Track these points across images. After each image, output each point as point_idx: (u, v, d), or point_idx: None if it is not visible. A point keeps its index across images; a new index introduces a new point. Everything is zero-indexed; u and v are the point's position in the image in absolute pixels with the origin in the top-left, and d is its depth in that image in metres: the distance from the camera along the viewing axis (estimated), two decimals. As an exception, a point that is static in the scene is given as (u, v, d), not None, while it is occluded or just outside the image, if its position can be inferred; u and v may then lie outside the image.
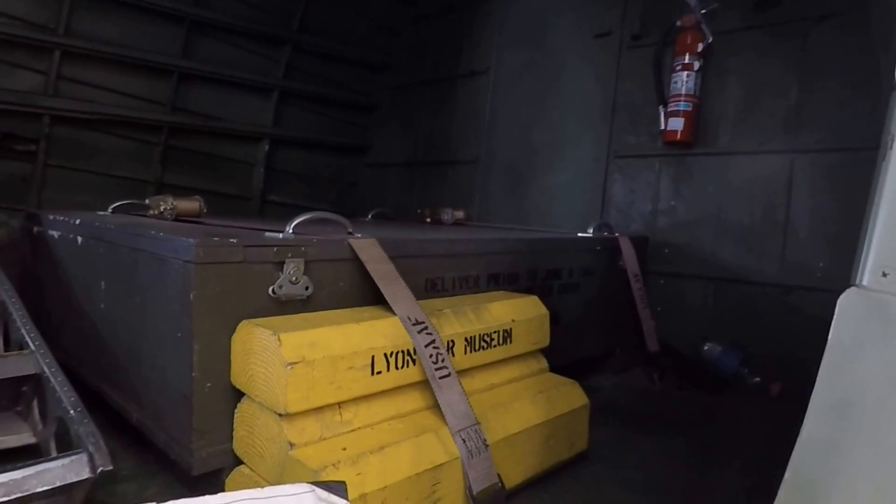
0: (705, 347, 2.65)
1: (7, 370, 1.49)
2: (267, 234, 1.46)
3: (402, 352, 1.38)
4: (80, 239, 1.88)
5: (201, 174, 3.78)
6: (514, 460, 1.48)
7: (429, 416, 1.41)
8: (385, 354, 1.34)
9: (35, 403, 1.54)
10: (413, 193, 4.08)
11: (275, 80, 3.97)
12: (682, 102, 2.75)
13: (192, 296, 1.27)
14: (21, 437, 1.49)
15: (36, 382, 1.53)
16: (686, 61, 2.73)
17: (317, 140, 4.27)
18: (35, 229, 2.26)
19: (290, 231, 1.49)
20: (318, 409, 1.25)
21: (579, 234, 2.57)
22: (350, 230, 1.62)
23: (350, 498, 1.09)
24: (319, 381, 1.22)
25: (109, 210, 2.30)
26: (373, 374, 1.32)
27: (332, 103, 4.30)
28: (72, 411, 1.35)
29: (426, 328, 1.43)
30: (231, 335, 1.32)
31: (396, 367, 1.37)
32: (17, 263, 2.45)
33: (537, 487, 1.59)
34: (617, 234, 2.62)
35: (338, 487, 0.78)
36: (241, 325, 1.30)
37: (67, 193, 3.31)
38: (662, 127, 2.83)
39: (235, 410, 1.32)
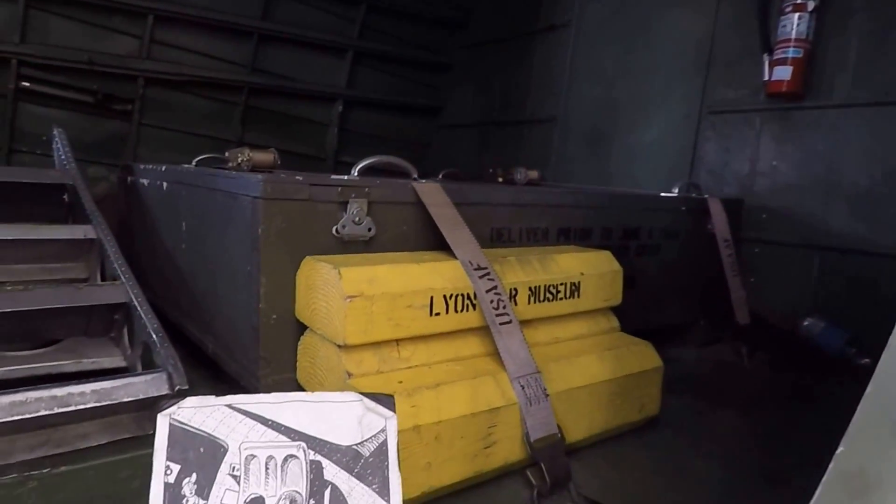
0: (805, 323, 2.51)
1: (103, 297, 1.67)
2: (333, 177, 1.54)
3: (462, 295, 1.41)
4: (165, 185, 2.05)
5: (278, 134, 3.98)
6: (575, 415, 1.49)
7: (487, 361, 1.44)
8: (444, 296, 1.38)
9: (125, 331, 1.73)
10: (486, 155, 4.10)
11: (349, 41, 4.10)
12: (790, 49, 2.57)
13: (259, 230, 1.36)
14: (113, 360, 1.68)
15: (126, 311, 1.70)
16: (799, 1, 2.54)
17: (390, 101, 4.38)
18: (129, 179, 2.48)
19: (355, 174, 1.56)
20: (377, 344, 1.32)
21: (662, 194, 2.49)
22: (415, 176, 1.67)
23: (403, 428, 1.16)
24: (378, 317, 1.29)
25: (193, 163, 2.49)
26: (431, 314, 1.37)
27: (406, 64, 4.38)
28: (154, 337, 1.51)
29: (488, 274, 1.46)
30: (296, 271, 1.41)
31: (456, 311, 1.41)
32: (115, 213, 2.72)
33: (601, 447, 1.59)
34: (706, 196, 2.52)
35: (386, 400, 0.83)
36: (304, 260, 1.39)
37: (157, 151, 3.60)
38: (766, 77, 2.67)
39: (299, 343, 1.42)
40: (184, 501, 0.74)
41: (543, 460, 1.33)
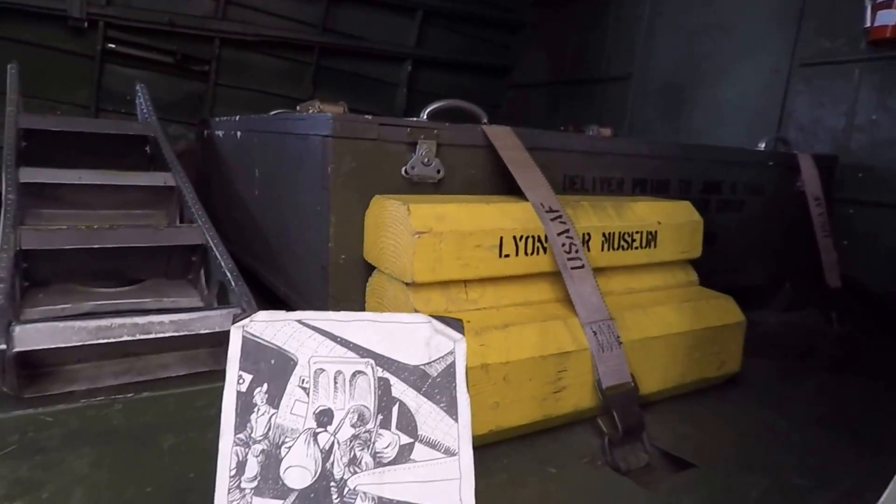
0: (903, 289, 2.33)
1: (181, 238, 1.74)
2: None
3: (533, 237, 1.37)
4: (239, 134, 2.09)
5: (348, 94, 3.99)
6: (649, 366, 1.43)
7: (557, 307, 1.40)
8: (514, 237, 1.35)
9: (202, 273, 1.79)
10: (557, 116, 3.98)
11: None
12: (897, -10, 2.34)
13: (329, 169, 1.36)
14: (191, 301, 1.74)
15: (202, 253, 1.77)
16: (908, -65, 2.30)
17: (459, 61, 4.32)
18: (205, 133, 2.56)
19: (424, 117, 1.54)
20: (444, 284, 1.30)
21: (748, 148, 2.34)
22: (485, 120, 1.63)
23: (472, 365, 1.14)
24: (446, 255, 1.27)
25: (266, 116, 2.54)
26: (501, 255, 1.34)
27: (476, 22, 4.29)
28: (229, 276, 1.55)
29: (560, 217, 1.41)
30: (364, 211, 1.40)
31: (526, 253, 1.37)
32: (192, 168, 2.83)
33: (676, 403, 1.53)
34: (796, 152, 2.35)
35: (455, 323, 0.81)
36: (373, 199, 1.38)
37: (232, 110, 3.68)
38: (868, 24, 2.44)
39: (367, 283, 1.42)
40: (255, 409, 0.75)
41: (615, 408, 1.29)
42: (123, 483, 1.06)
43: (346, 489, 0.73)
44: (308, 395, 0.76)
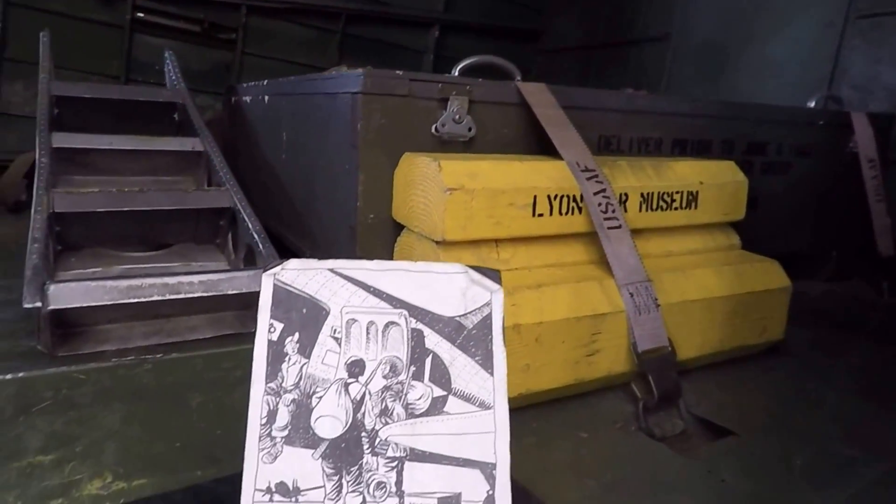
0: (960, 259, 2.22)
1: (209, 201, 1.74)
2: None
3: (568, 197, 1.34)
4: (266, 98, 2.08)
5: (373, 62, 3.95)
6: (688, 330, 1.39)
7: (592, 269, 1.37)
8: (548, 196, 1.31)
9: (229, 237, 1.79)
10: (590, 80, 3.88)
11: (448, -38, 3.98)
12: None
13: (359, 126, 1.34)
14: (218, 265, 1.75)
15: (230, 217, 1.77)
16: None
17: (488, 25, 4.23)
18: (233, 100, 2.55)
19: (456, 73, 1.50)
20: (475, 243, 1.27)
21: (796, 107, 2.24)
22: (518, 77, 1.58)
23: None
24: (477, 213, 1.24)
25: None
26: (534, 215, 1.30)
27: (506, -15, 4.20)
28: (257, 238, 1.55)
29: (596, 176, 1.37)
30: (394, 169, 1.38)
31: (560, 213, 1.34)
32: (220, 137, 2.84)
33: (715, 369, 1.49)
34: (849, 111, 2.24)
35: (492, 273, 0.79)
36: (403, 156, 1.36)
37: (259, 79, 3.68)
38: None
39: (395, 243, 1.40)
40: (286, 358, 0.73)
41: (651, 372, 1.26)
42: (153, 438, 1.08)
43: (378, 440, 0.72)
44: (340, 345, 0.74)
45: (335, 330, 0.75)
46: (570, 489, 1.00)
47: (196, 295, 1.37)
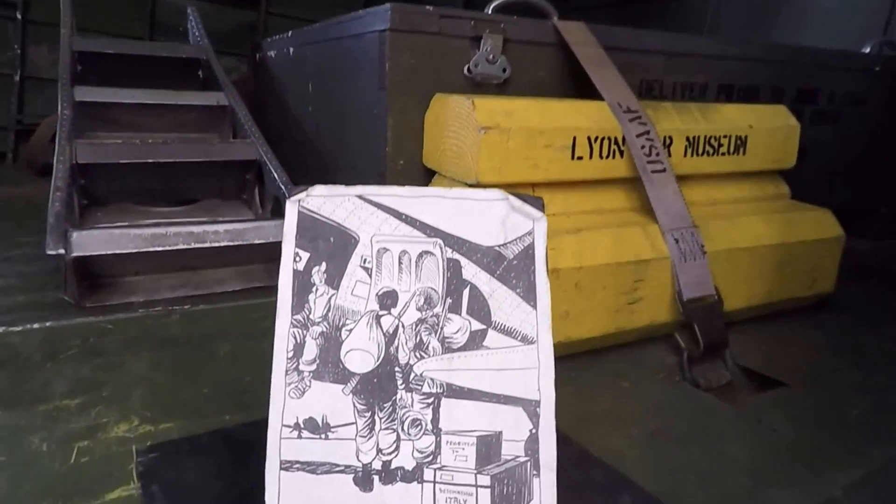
0: None
1: (234, 153, 1.70)
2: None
3: (609, 139, 1.26)
4: (291, 49, 2.02)
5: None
6: (735, 279, 1.31)
7: (634, 215, 1.29)
8: (588, 138, 1.23)
9: (256, 192, 1.75)
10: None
11: None
12: None
13: (387, 66, 1.27)
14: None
15: (256, 171, 1.72)
16: None
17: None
18: (258, 56, 2.50)
19: (489, 12, 1.42)
20: (511, 186, 1.18)
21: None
22: (556, 17, 1.49)
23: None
24: (514, 154, 1.17)
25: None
26: (573, 157, 1.23)
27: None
28: (284, 189, 1.51)
29: (639, 117, 1.28)
30: (424, 112, 1.31)
31: (601, 156, 1.26)
32: (246, 96, 2.79)
33: (762, 323, 1.41)
34: (906, 57, 2.10)
35: (535, 200, 0.72)
36: (435, 98, 1.29)
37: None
38: None
39: (427, 190, 1.34)
40: (313, 289, 0.68)
41: (697, 321, 1.19)
42: (181, 384, 1.05)
43: (413, 375, 0.67)
44: (370, 275, 0.69)
45: (365, 260, 0.69)
46: (612, 437, 0.95)
47: (222, 244, 1.33)
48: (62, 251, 1.18)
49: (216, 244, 1.32)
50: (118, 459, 0.85)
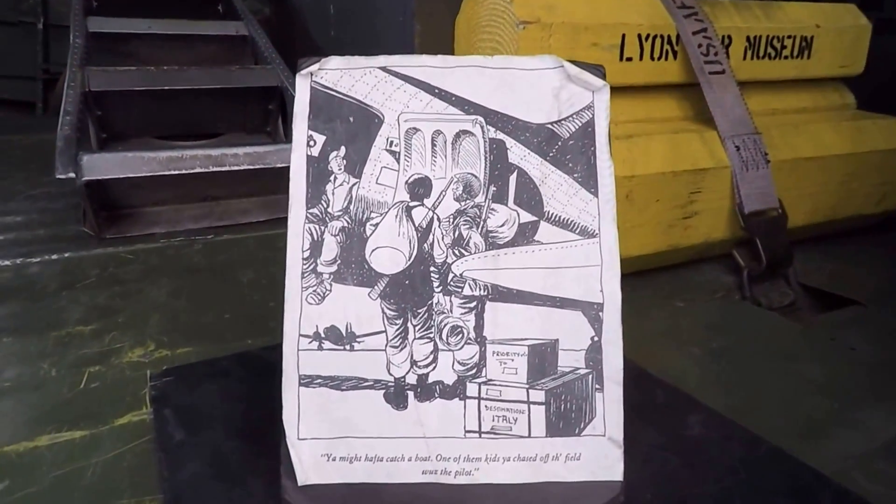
0: None
1: (255, 79, 1.58)
2: None
3: (662, 37, 1.09)
4: (310, -26, 1.86)
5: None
6: (799, 193, 1.15)
7: (688, 125, 1.13)
8: (639, 36, 1.07)
9: (279, 123, 1.63)
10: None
11: None
12: None
13: (411, -35, 1.11)
14: (268, 148, 1.60)
15: (280, 101, 1.59)
16: None
17: None
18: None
19: None
20: (552, 91, 1.05)
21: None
22: None
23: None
24: (555, 53, 1.01)
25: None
26: (622, 59, 1.07)
27: None
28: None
29: (695, 14, 1.11)
30: (453, 19, 1.15)
31: (652, 58, 1.09)
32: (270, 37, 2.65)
33: (826, 243, 1.25)
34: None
35: (595, 69, 0.58)
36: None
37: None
38: None
39: (458, 103, 1.20)
40: (331, 178, 0.56)
41: (759, 237, 1.04)
42: (201, 310, 0.96)
43: (451, 275, 0.55)
44: (398, 160, 0.56)
45: (392, 142, 0.56)
46: (672, 357, 0.82)
47: (242, 168, 1.21)
48: (72, 175, 1.08)
49: (236, 167, 1.21)
50: (131, 384, 0.76)
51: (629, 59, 1.07)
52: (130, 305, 0.96)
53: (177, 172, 1.16)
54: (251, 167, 1.21)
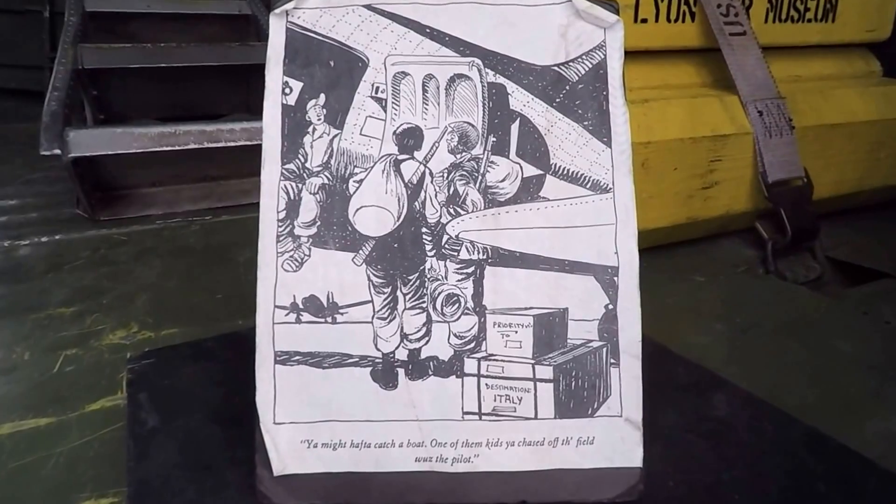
0: None
1: (257, 56, 1.49)
2: None
3: (677, -3, 1.00)
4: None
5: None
6: (825, 162, 1.06)
7: (709, 90, 1.04)
8: (652, -4, 0.98)
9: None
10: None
11: None
12: None
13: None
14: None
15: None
16: None
17: None
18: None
19: None
20: (560, 54, 0.97)
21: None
22: None
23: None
24: (563, 12, 0.93)
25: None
26: (636, 20, 0.98)
27: None
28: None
29: (712, -29, 1.02)
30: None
31: (668, 19, 1.00)
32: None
33: (852, 217, 1.16)
34: None
35: (607, 3, 0.50)
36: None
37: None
38: None
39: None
40: (309, 129, 0.48)
41: (784, 207, 0.95)
42: (192, 291, 0.89)
43: (446, 237, 0.47)
44: (385, 109, 0.48)
45: (377, 88, 0.49)
46: (695, 333, 0.75)
47: (238, 143, 1.14)
48: (57, 152, 1.01)
49: (232, 143, 1.14)
50: (108, 368, 0.69)
51: (644, 21, 0.98)
52: (117, 287, 0.90)
53: (169, 149, 1.10)
54: (248, 143, 1.14)
